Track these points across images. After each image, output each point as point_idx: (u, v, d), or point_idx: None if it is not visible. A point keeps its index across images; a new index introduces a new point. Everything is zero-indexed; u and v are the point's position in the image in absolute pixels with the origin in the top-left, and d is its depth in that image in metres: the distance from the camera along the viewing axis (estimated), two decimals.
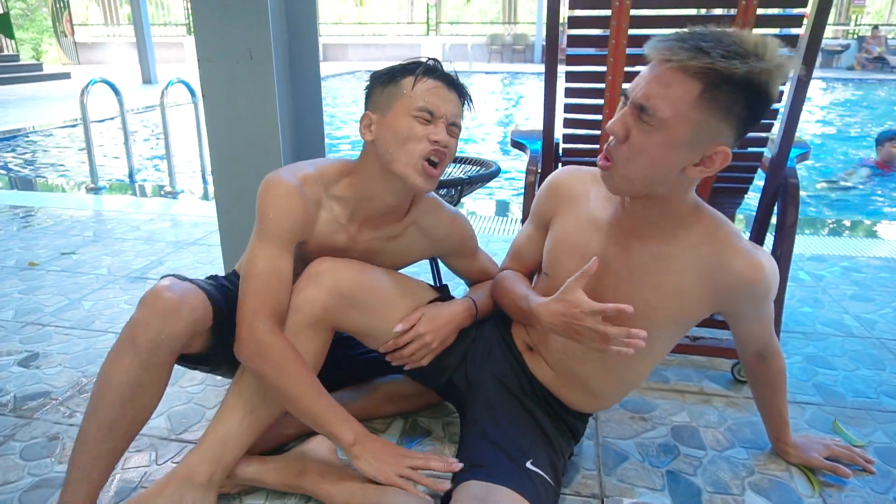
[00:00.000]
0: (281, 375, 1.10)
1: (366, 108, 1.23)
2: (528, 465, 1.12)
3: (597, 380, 1.22)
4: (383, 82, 1.19)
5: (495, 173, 1.98)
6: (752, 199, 1.82)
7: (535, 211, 1.30)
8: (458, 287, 1.79)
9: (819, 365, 1.81)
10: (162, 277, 1.16)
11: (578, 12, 1.57)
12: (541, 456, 1.16)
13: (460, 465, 1.13)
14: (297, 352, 1.13)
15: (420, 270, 2.37)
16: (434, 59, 1.20)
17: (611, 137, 1.01)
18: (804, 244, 2.91)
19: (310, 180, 1.20)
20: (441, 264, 1.53)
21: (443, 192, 1.86)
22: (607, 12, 1.52)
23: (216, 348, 1.19)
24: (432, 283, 1.78)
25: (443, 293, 1.35)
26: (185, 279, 1.16)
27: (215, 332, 1.17)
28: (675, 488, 1.30)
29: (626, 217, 1.11)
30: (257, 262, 1.14)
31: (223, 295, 1.20)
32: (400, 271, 1.34)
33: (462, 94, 1.20)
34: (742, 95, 0.91)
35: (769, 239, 1.76)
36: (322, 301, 1.16)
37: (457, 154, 1.23)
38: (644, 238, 1.09)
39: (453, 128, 1.18)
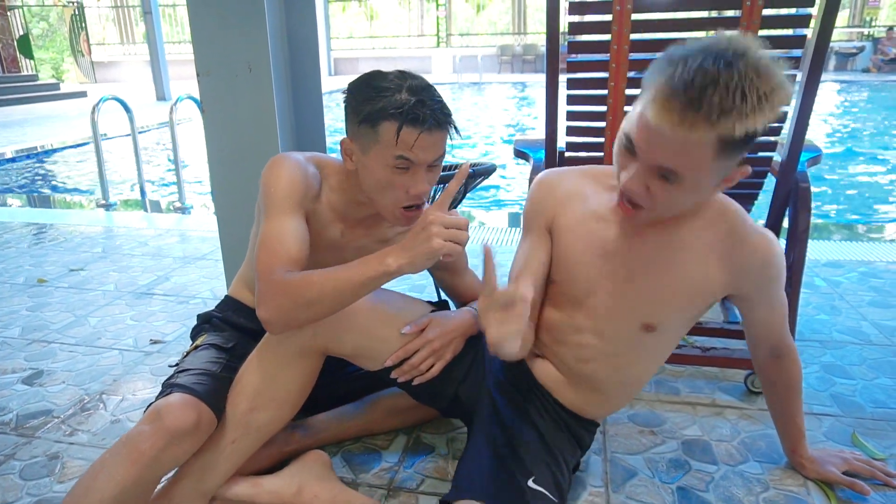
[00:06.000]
0: (317, 295, 1.02)
1: (346, 130, 1.17)
2: (530, 483, 1.09)
3: (604, 378, 1.19)
4: (360, 117, 1.10)
5: (492, 168, 1.97)
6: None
7: (532, 217, 1.20)
8: None
9: (836, 374, 1.75)
10: (168, 388, 1.13)
11: (579, 18, 1.55)
12: (544, 473, 1.12)
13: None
14: (312, 272, 1.04)
15: (420, 288, 2.34)
16: (419, 93, 1.07)
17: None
18: (819, 249, 2.83)
19: (312, 162, 1.23)
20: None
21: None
22: (608, 17, 1.50)
23: None
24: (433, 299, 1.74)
25: (442, 308, 1.31)
26: (192, 390, 1.11)
27: None
28: None
29: None
30: (268, 232, 1.10)
31: (218, 384, 1.17)
32: (397, 289, 1.28)
33: (447, 126, 1.10)
34: (751, 136, 0.92)
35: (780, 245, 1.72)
36: (312, 326, 1.11)
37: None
38: (656, 225, 1.08)
39: (433, 167, 1.14)
